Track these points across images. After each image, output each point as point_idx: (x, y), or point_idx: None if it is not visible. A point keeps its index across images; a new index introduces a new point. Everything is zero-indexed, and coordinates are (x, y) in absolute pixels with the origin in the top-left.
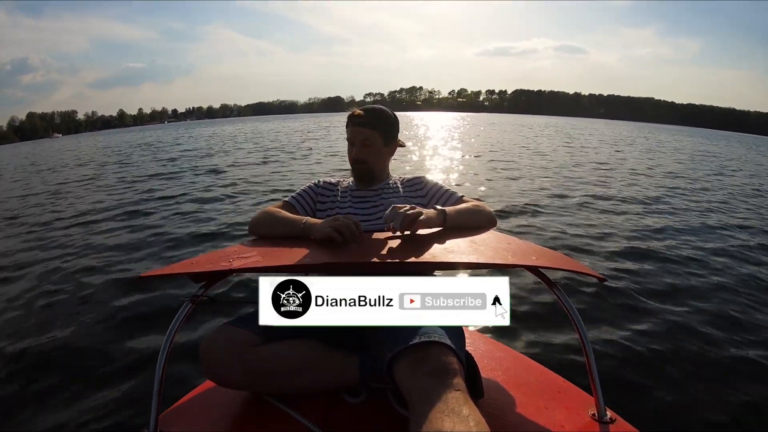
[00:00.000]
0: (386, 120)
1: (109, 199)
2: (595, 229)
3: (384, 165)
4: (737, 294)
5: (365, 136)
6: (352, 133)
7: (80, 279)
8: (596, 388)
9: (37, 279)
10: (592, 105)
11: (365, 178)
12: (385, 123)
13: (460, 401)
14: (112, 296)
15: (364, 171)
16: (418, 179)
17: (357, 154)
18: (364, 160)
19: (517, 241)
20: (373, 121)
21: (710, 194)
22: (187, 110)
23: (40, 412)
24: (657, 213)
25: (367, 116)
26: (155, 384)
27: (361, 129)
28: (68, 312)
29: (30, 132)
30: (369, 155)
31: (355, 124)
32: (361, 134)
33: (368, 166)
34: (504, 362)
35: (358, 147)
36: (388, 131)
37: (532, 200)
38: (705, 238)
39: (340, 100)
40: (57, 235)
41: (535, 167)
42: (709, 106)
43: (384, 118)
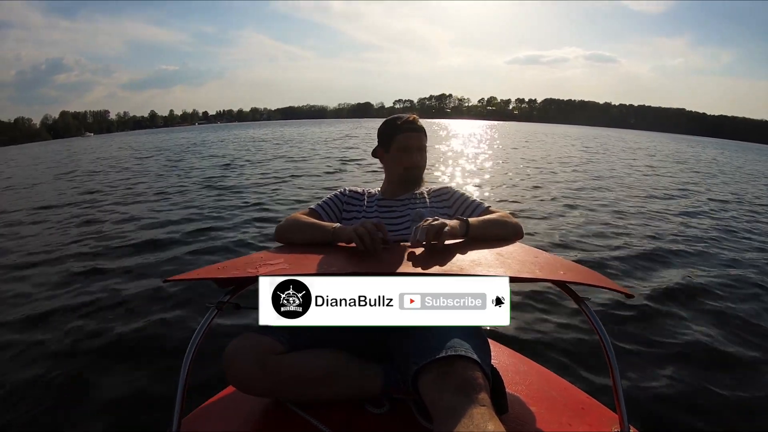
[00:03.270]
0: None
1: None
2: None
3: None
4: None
5: (422, 142)
6: (409, 138)
7: (108, 280)
8: (621, 406)
9: (64, 278)
10: (622, 115)
11: (418, 182)
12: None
13: (485, 417)
14: (140, 298)
15: (418, 176)
16: (445, 189)
17: (417, 161)
18: (421, 166)
19: (545, 255)
20: (422, 127)
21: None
22: (218, 113)
23: (63, 413)
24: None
25: (420, 122)
26: (179, 387)
27: (419, 135)
28: (94, 313)
29: (63, 130)
30: (424, 160)
31: (413, 129)
32: (419, 140)
33: (421, 171)
34: (528, 377)
35: (417, 152)
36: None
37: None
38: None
39: (369, 106)
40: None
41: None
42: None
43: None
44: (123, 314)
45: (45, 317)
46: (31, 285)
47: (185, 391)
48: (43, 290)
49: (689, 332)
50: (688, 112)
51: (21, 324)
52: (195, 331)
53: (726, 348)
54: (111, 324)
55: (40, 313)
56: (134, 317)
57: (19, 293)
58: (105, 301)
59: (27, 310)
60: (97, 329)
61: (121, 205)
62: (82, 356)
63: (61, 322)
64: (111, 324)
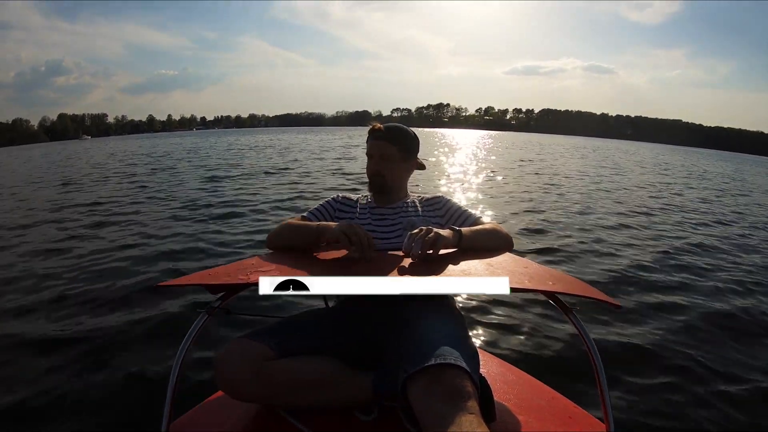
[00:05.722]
0: (405, 137)
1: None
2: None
3: (401, 181)
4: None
5: (384, 150)
6: (371, 146)
7: (98, 284)
8: (608, 415)
9: (54, 280)
10: (619, 126)
11: (381, 190)
12: (404, 139)
13: (473, 425)
14: (131, 303)
15: (381, 183)
16: (437, 199)
17: (375, 167)
18: (381, 173)
19: (534, 265)
20: (392, 136)
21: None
22: (216, 118)
23: (51, 417)
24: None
25: (387, 131)
26: (168, 391)
27: (380, 142)
28: (83, 316)
29: (60, 132)
30: (386, 168)
31: (375, 137)
32: (380, 148)
33: (384, 179)
34: (516, 386)
35: (376, 159)
36: (407, 147)
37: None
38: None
39: (367, 114)
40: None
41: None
42: (738, 129)
43: (403, 134)
44: (113, 319)
45: (32, 322)
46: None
47: (174, 396)
48: (30, 295)
49: (678, 344)
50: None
51: (7, 327)
52: (185, 337)
53: (715, 360)
54: (100, 328)
55: (28, 317)
56: (125, 322)
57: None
58: (95, 305)
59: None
60: (86, 334)
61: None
62: (70, 360)
63: (48, 327)
64: (100, 328)
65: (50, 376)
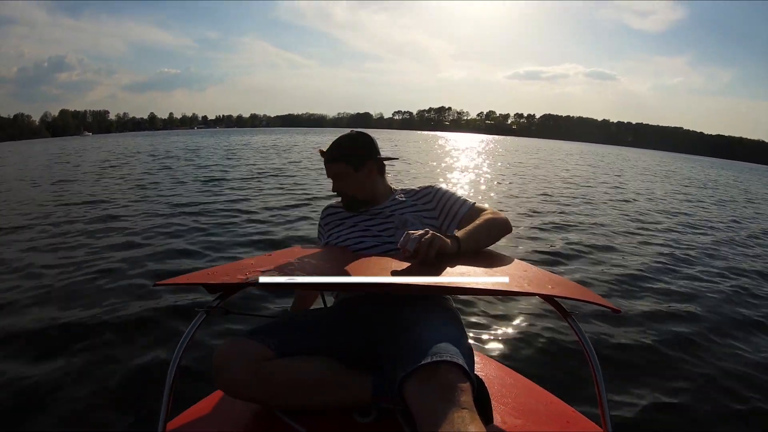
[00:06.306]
0: (350, 148)
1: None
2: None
3: (371, 187)
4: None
5: (335, 170)
6: (326, 170)
7: (96, 282)
8: (606, 420)
9: (50, 278)
10: (620, 132)
11: (355, 205)
12: (348, 152)
13: (466, 420)
14: (129, 301)
15: (350, 199)
16: (427, 189)
17: (333, 188)
18: (344, 191)
19: (534, 269)
20: (336, 155)
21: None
22: (217, 118)
23: (46, 416)
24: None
25: (330, 151)
26: (165, 391)
27: (330, 165)
28: (79, 314)
29: (61, 129)
30: (345, 186)
31: (325, 161)
32: (331, 169)
33: (350, 195)
34: (514, 389)
35: (333, 181)
36: (355, 158)
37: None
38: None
39: (368, 116)
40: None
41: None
42: (738, 137)
43: (347, 146)
44: (110, 317)
45: (26, 320)
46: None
47: (171, 395)
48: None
49: (678, 349)
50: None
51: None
52: (182, 336)
53: (715, 365)
54: (96, 327)
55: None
56: (122, 320)
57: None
58: (92, 303)
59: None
60: (82, 333)
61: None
62: (65, 359)
63: (42, 325)
64: (96, 327)
65: (45, 375)
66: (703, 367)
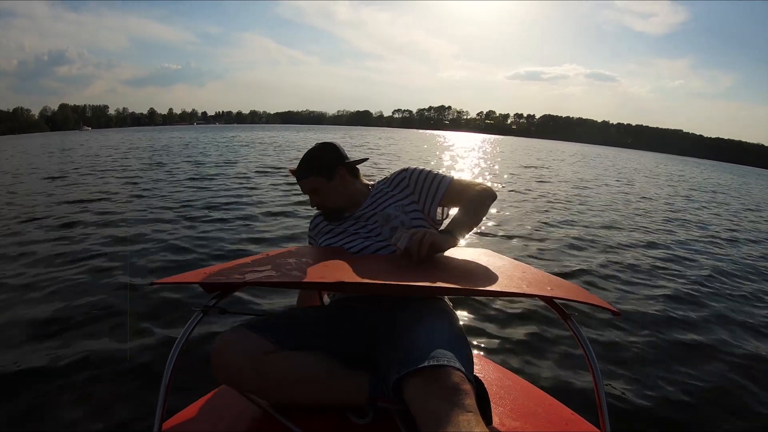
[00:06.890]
0: (318, 159)
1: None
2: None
3: (347, 193)
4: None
5: (309, 186)
6: (301, 187)
7: (92, 280)
8: (605, 423)
9: (45, 275)
10: (619, 134)
11: (335, 217)
12: (318, 163)
13: (471, 423)
14: (124, 300)
15: (329, 213)
16: (402, 174)
17: (312, 204)
18: (323, 204)
19: (533, 270)
20: (307, 169)
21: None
22: (217, 114)
23: (42, 415)
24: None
25: (300, 169)
26: (161, 391)
27: (303, 182)
28: (74, 313)
29: (61, 123)
30: (323, 199)
31: (297, 179)
32: (304, 186)
33: (330, 207)
34: (513, 391)
35: (310, 197)
36: (325, 168)
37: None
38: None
39: (368, 114)
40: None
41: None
42: (737, 141)
43: (315, 159)
44: (106, 316)
45: (20, 318)
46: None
47: (167, 395)
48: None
49: (678, 352)
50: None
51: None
52: (179, 335)
53: (715, 368)
54: (94, 324)
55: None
56: (119, 319)
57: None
58: (88, 302)
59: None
60: (77, 331)
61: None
62: (60, 358)
63: (36, 324)
64: (94, 324)
65: (40, 374)
66: (702, 368)
